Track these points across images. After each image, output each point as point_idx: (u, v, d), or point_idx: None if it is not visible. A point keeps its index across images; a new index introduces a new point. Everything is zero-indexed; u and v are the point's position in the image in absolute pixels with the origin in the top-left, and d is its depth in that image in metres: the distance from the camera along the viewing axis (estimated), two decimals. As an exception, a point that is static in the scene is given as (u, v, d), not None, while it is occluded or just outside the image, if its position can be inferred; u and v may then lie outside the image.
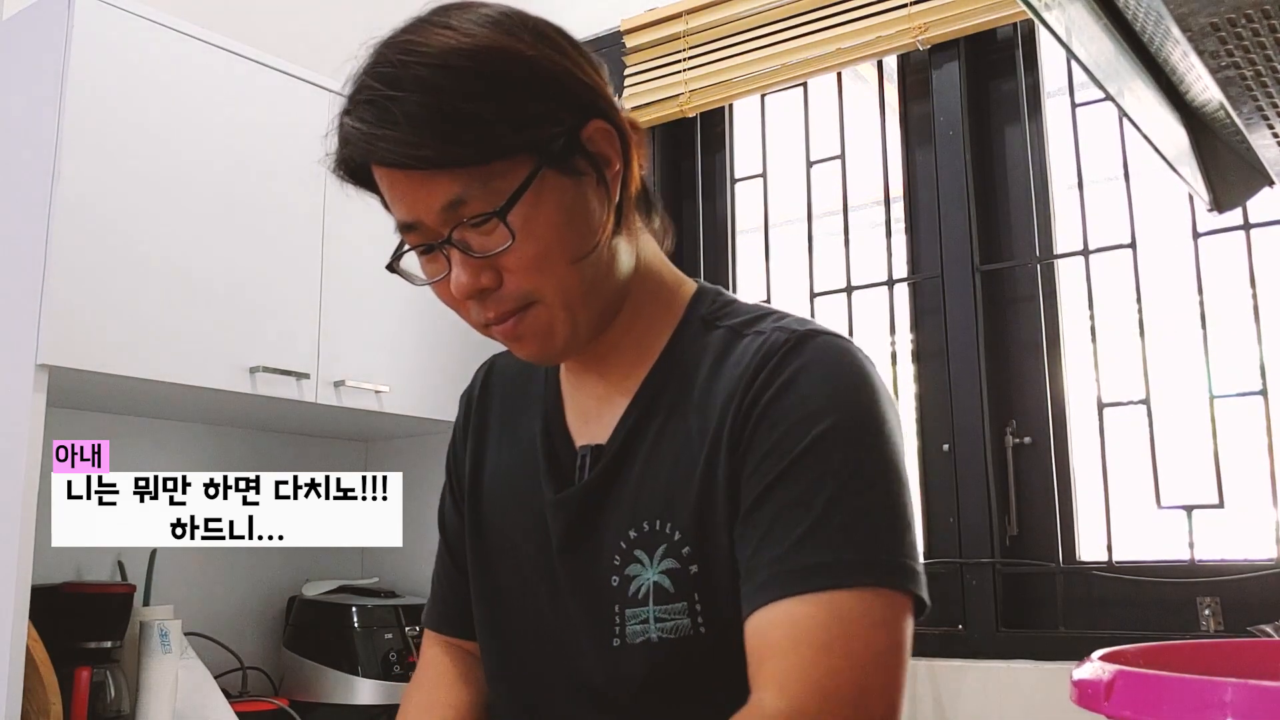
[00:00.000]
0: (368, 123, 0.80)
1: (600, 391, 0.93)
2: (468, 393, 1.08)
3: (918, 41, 2.01)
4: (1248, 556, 1.72)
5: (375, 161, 0.82)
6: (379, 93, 0.79)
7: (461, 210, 0.80)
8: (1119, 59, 0.81)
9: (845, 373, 0.84)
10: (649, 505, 0.86)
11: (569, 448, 0.94)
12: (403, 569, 2.43)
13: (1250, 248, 1.77)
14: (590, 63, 0.87)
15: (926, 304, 2.06)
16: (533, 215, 0.80)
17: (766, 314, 0.91)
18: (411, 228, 0.84)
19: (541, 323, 0.85)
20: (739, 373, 0.85)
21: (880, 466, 0.82)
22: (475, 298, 0.84)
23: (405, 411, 2.15)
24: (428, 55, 0.79)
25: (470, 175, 0.79)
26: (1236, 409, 1.75)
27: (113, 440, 1.58)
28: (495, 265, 0.82)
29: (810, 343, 0.85)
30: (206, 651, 2.07)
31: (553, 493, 0.92)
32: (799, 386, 0.83)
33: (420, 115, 0.77)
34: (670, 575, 0.84)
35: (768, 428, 0.82)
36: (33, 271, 1.68)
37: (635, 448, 0.89)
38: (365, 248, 2.13)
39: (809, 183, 2.23)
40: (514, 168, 0.80)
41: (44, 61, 1.76)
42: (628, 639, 0.85)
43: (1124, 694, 0.55)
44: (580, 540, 0.89)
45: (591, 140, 0.84)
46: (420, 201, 0.81)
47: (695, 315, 0.92)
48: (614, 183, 0.85)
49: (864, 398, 0.83)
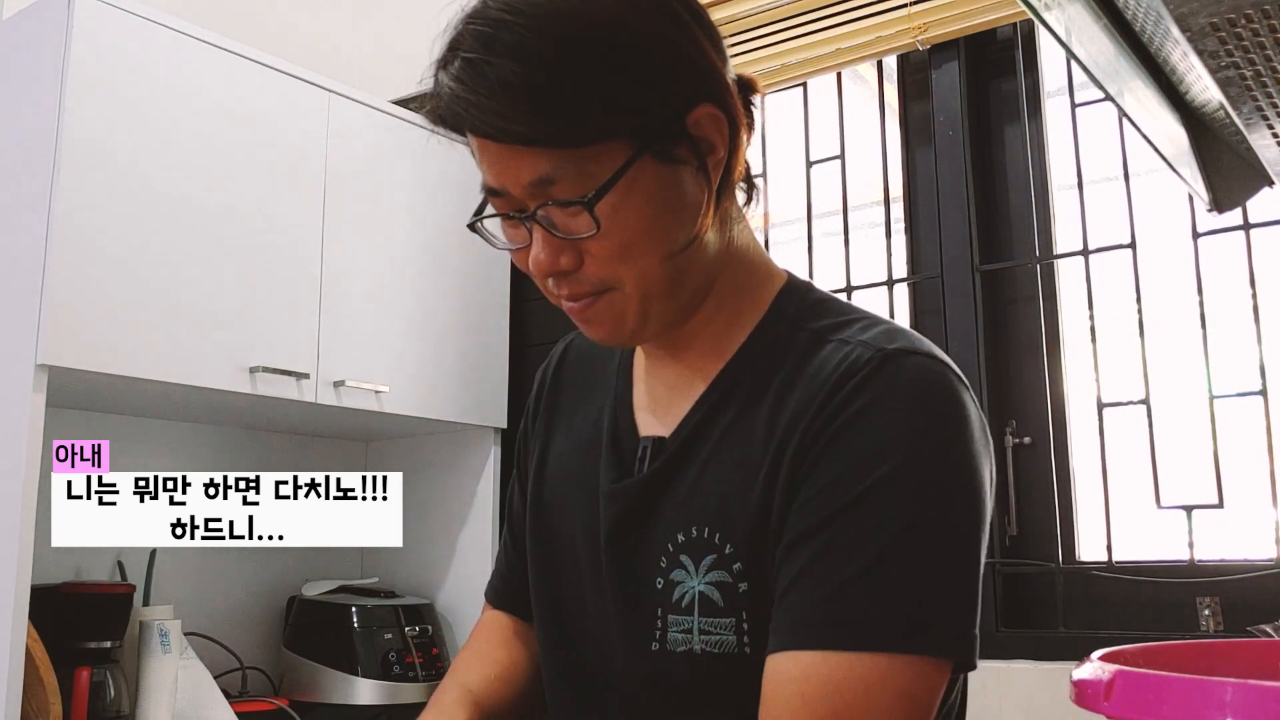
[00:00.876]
0: (462, 83, 0.74)
1: (673, 380, 0.89)
2: (543, 370, 1.04)
3: (917, 42, 2.01)
4: (1247, 556, 1.72)
5: (460, 125, 0.77)
6: (471, 49, 0.74)
7: (550, 189, 0.76)
8: (1119, 59, 0.81)
9: (929, 405, 0.77)
10: (701, 510, 0.82)
11: (632, 437, 0.90)
12: (403, 569, 2.43)
13: (1250, 248, 1.76)
14: (711, 37, 0.81)
15: (926, 304, 2.06)
16: (622, 205, 0.76)
17: (855, 319, 0.84)
18: (497, 194, 0.80)
19: (615, 310, 0.81)
20: (814, 388, 0.79)
21: (947, 520, 0.74)
22: (553, 275, 0.80)
23: (405, 411, 2.15)
24: (534, 16, 0.73)
25: (563, 155, 0.75)
26: (1236, 409, 1.75)
27: (113, 440, 1.58)
28: (578, 248, 0.78)
29: (896, 364, 0.77)
30: (206, 651, 2.07)
31: (609, 482, 0.88)
32: (873, 416, 0.76)
33: (516, 86, 0.72)
34: (719, 588, 0.79)
35: (832, 459, 0.76)
36: (33, 271, 1.68)
37: (697, 446, 0.84)
38: (365, 247, 2.13)
39: (809, 183, 2.22)
40: (609, 151, 0.75)
41: (44, 61, 1.76)
42: (669, 645, 0.81)
43: (1124, 694, 0.55)
44: (628, 535, 0.86)
45: (697, 125, 0.78)
46: (508, 171, 0.77)
47: (781, 312, 0.87)
48: (715, 171, 0.80)
49: (945, 437, 0.76)
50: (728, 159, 0.81)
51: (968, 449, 0.77)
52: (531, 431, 1.03)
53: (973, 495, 0.76)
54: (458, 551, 2.33)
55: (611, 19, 0.75)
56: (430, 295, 2.23)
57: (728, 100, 0.81)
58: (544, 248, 0.78)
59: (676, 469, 0.85)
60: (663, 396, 0.90)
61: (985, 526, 0.77)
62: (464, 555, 2.33)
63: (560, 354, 1.04)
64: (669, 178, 0.78)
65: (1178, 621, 1.73)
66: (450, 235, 2.23)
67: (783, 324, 0.86)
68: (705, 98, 0.79)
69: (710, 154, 0.80)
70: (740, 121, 0.82)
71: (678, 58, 0.78)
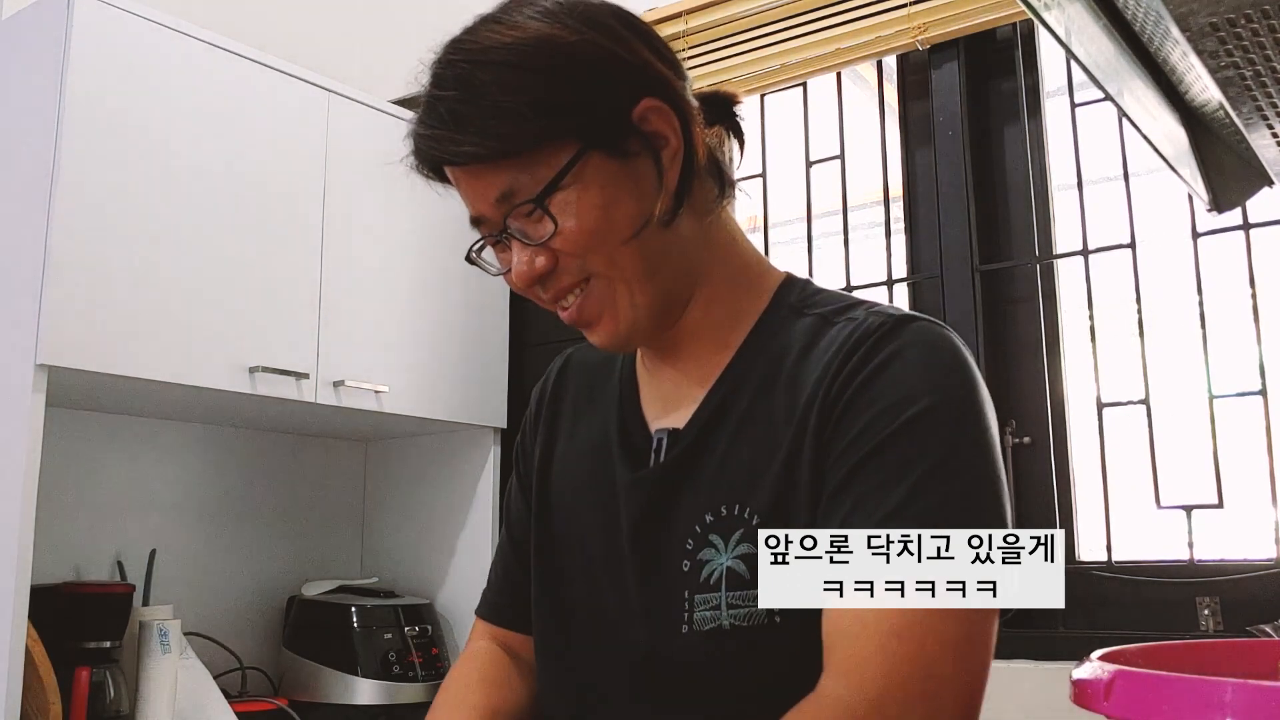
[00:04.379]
0: (423, 123, 0.83)
1: (678, 378, 0.92)
2: (541, 385, 1.07)
3: (917, 42, 2.01)
4: (1247, 556, 1.72)
5: (429, 161, 0.85)
6: (429, 93, 0.83)
7: (513, 200, 0.82)
8: (1119, 59, 0.81)
9: (942, 357, 0.83)
10: (729, 490, 0.84)
11: (644, 432, 0.92)
12: (403, 569, 2.43)
13: (1250, 248, 1.76)
14: (648, 42, 0.86)
15: (926, 304, 2.06)
16: (573, 199, 0.81)
17: (859, 302, 0.89)
18: (479, 221, 0.86)
19: (603, 299, 0.85)
20: (830, 356, 0.83)
21: (974, 452, 0.79)
22: (536, 284, 0.85)
23: (405, 411, 2.15)
24: (472, 52, 0.82)
25: (517, 166, 0.81)
26: (1236, 409, 1.75)
27: (112, 440, 1.59)
28: (549, 248, 0.83)
29: (907, 327, 0.83)
30: (206, 651, 2.07)
31: (627, 474, 0.90)
32: (893, 369, 0.81)
33: (460, 112, 0.80)
34: (746, 560, 0.81)
35: (859, 410, 0.80)
36: (33, 271, 1.68)
37: (716, 432, 0.87)
38: (365, 248, 2.13)
39: (808, 183, 2.22)
40: (558, 154, 0.81)
41: (44, 61, 1.76)
42: (695, 625, 0.82)
43: (1123, 694, 0.55)
44: (653, 523, 0.87)
45: (644, 120, 0.83)
46: (478, 195, 0.84)
47: (783, 302, 0.91)
48: (672, 161, 0.85)
49: (961, 383, 0.82)
50: (685, 150, 0.85)
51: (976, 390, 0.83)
52: (532, 441, 1.04)
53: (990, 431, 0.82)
54: (458, 551, 2.33)
55: (538, 36, 0.81)
56: (430, 295, 2.23)
57: (672, 95, 0.85)
58: (519, 256, 0.84)
59: (697, 455, 0.87)
60: (670, 393, 0.92)
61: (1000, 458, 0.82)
62: (464, 555, 2.33)
63: (560, 367, 1.06)
64: (622, 170, 0.83)
65: (1178, 621, 1.73)
66: (450, 236, 2.23)
67: (786, 311, 0.90)
68: (646, 92, 0.83)
69: (664, 146, 0.84)
70: (691, 115, 0.86)
71: (610, 60, 0.83)
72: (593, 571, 0.91)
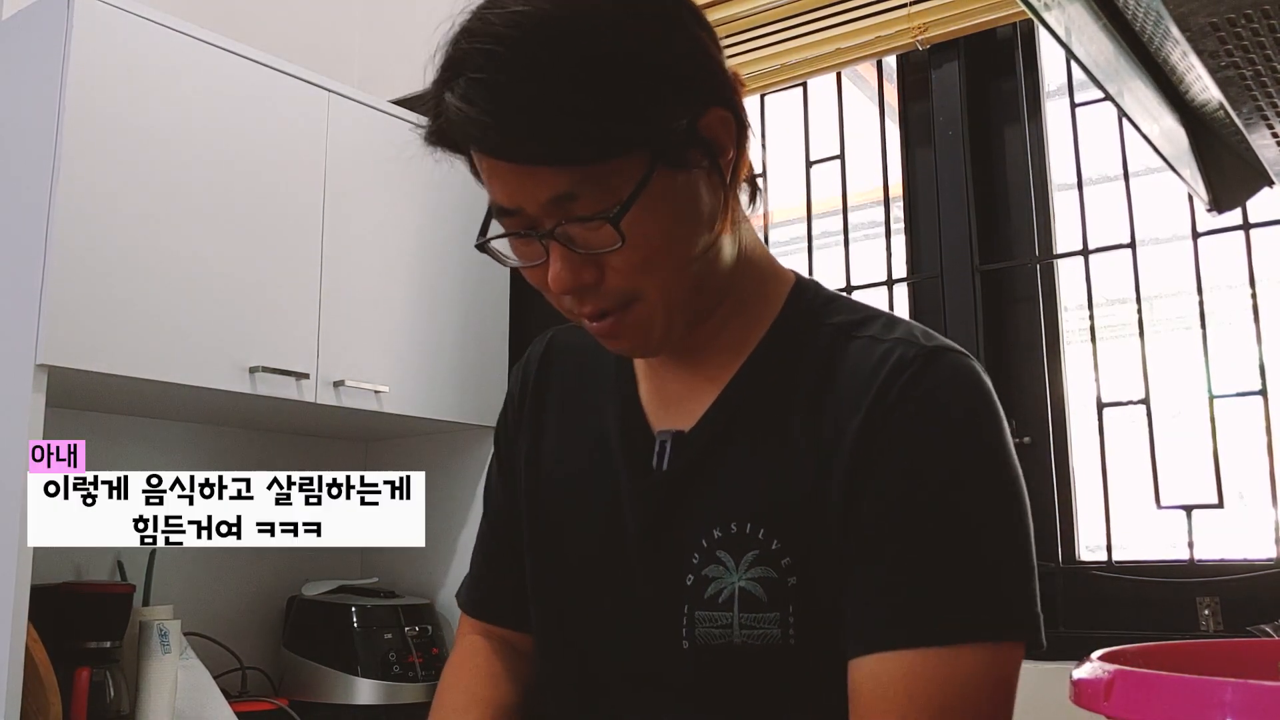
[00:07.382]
0: (473, 104, 0.71)
1: (683, 377, 0.88)
2: (523, 366, 1.02)
3: (917, 42, 2.01)
4: (1247, 556, 1.72)
5: (479, 150, 0.75)
6: (485, 72, 0.71)
7: (570, 206, 0.74)
8: (1119, 59, 0.81)
9: (978, 402, 0.80)
10: (740, 506, 0.81)
11: (645, 433, 0.88)
12: (403, 569, 2.43)
13: (1250, 248, 1.76)
14: (713, 37, 0.80)
15: (926, 304, 2.06)
16: (643, 217, 0.74)
17: (874, 315, 0.86)
18: (510, 213, 0.77)
19: (642, 322, 0.80)
20: (861, 384, 0.80)
21: (1015, 510, 0.78)
22: (573, 292, 0.78)
23: (405, 411, 2.15)
24: (543, 35, 0.71)
25: (584, 172, 0.72)
26: (1236, 409, 1.75)
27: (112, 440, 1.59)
28: (599, 261, 0.76)
29: (940, 362, 0.80)
30: (206, 651, 2.07)
31: (633, 482, 0.87)
32: (932, 413, 0.78)
33: (533, 106, 0.70)
34: (763, 584, 0.79)
35: (899, 454, 0.77)
36: (32, 271, 1.68)
37: (726, 442, 0.83)
38: (365, 248, 2.13)
39: (809, 183, 2.22)
40: (628, 164, 0.73)
41: (44, 61, 1.76)
42: (698, 640, 0.81)
43: (1123, 694, 0.55)
44: (658, 531, 0.84)
45: (709, 128, 0.77)
46: (524, 191, 0.74)
47: (796, 309, 0.87)
48: (727, 171, 0.79)
49: (996, 430, 0.80)
50: (735, 159, 0.80)
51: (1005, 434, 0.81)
52: (515, 429, 0.99)
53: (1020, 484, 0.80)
54: (458, 551, 2.33)
55: (618, 32, 0.72)
56: (430, 295, 2.23)
57: (734, 100, 0.80)
58: (564, 264, 0.76)
59: (704, 464, 0.84)
60: (676, 393, 0.88)
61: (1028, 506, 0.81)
62: (464, 555, 2.33)
63: (542, 351, 1.01)
64: (684, 184, 0.76)
65: (1178, 621, 1.73)
66: (450, 235, 2.23)
67: (799, 319, 0.86)
68: (716, 101, 0.78)
69: (721, 154, 0.78)
70: (745, 121, 0.81)
71: (694, 62, 0.77)
72: (590, 577, 0.89)
